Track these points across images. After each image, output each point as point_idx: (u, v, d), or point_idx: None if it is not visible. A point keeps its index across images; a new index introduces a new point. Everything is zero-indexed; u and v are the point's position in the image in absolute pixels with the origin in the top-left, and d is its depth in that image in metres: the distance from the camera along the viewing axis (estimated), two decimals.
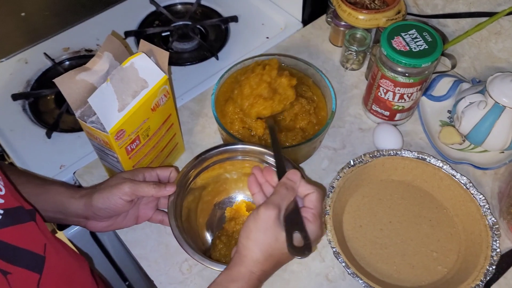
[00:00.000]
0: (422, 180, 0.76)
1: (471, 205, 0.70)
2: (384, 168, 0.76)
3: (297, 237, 0.52)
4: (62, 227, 0.89)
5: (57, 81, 0.58)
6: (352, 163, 0.74)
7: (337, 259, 0.65)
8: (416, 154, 0.75)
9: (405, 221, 0.73)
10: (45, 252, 0.50)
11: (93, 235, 0.94)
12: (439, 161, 0.74)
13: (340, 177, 0.72)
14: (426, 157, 0.74)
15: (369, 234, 0.71)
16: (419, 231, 0.72)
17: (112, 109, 0.60)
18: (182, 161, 0.80)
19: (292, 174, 0.56)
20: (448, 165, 0.73)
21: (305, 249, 0.51)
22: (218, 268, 0.60)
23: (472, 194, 0.71)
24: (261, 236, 0.52)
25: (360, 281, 0.63)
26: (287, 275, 0.69)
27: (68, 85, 0.59)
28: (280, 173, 0.58)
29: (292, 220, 0.53)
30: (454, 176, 0.72)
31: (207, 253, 0.69)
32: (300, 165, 0.79)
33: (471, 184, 0.71)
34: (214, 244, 0.69)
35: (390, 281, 0.67)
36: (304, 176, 0.60)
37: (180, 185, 0.67)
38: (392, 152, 0.75)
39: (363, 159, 0.74)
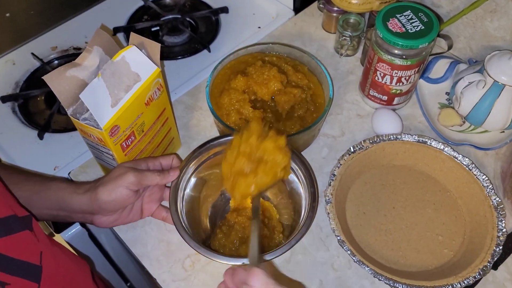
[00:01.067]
0: (424, 163, 0.74)
1: (475, 186, 0.69)
2: (385, 153, 0.75)
3: None
4: (60, 229, 0.87)
5: (46, 78, 0.56)
6: (352, 150, 0.72)
7: (342, 248, 0.64)
8: (416, 138, 0.73)
9: (408, 206, 0.72)
10: (41, 261, 0.49)
11: (92, 236, 0.93)
12: (440, 144, 0.73)
13: (340, 164, 0.71)
14: (426, 140, 0.73)
15: (373, 221, 0.70)
16: (423, 215, 0.71)
17: (105, 105, 0.58)
18: (179, 157, 0.78)
19: (252, 277, 0.46)
20: (450, 147, 0.72)
21: None
22: (213, 258, 0.59)
23: (475, 175, 0.70)
24: None
25: (367, 268, 0.62)
26: (291, 266, 0.67)
27: (58, 82, 0.57)
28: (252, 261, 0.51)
29: None
30: (456, 158, 0.71)
31: (207, 241, 0.67)
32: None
33: (473, 165, 0.70)
34: (214, 233, 0.68)
35: (396, 267, 0.66)
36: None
37: (183, 173, 0.66)
38: (392, 136, 0.74)
39: (363, 146, 0.73)
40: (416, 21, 0.71)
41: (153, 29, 1.02)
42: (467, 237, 0.68)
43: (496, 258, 0.63)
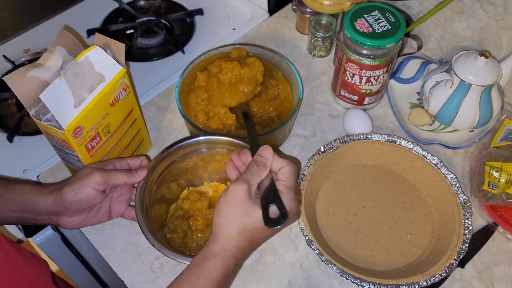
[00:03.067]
0: (394, 163, 0.75)
1: (443, 184, 0.70)
2: (355, 153, 0.75)
3: (273, 210, 0.52)
4: (30, 234, 0.86)
5: (7, 78, 0.56)
6: (322, 150, 0.72)
7: (310, 247, 0.64)
8: (386, 137, 0.74)
9: (378, 205, 0.72)
10: None
11: (65, 240, 0.91)
12: (410, 143, 0.73)
13: (310, 164, 0.71)
14: (396, 139, 0.73)
15: (343, 220, 0.70)
16: (393, 214, 0.71)
17: (67, 105, 0.57)
18: (149, 158, 0.78)
19: (263, 150, 0.56)
20: (419, 146, 0.73)
21: (281, 218, 0.51)
22: (178, 259, 0.59)
23: (443, 173, 0.70)
24: (231, 211, 0.52)
25: (334, 268, 0.62)
26: (260, 267, 0.67)
27: (19, 82, 0.57)
28: (255, 153, 0.58)
29: (268, 194, 0.54)
30: (425, 157, 0.72)
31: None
32: None
33: (442, 164, 0.71)
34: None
35: (365, 266, 0.66)
36: (278, 152, 0.60)
37: (151, 173, 0.66)
38: (362, 136, 0.74)
39: (333, 145, 0.73)
40: (384, 21, 0.72)
41: (127, 32, 1.01)
42: (435, 235, 0.69)
43: (462, 256, 0.63)
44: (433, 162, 0.71)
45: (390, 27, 0.71)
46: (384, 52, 0.72)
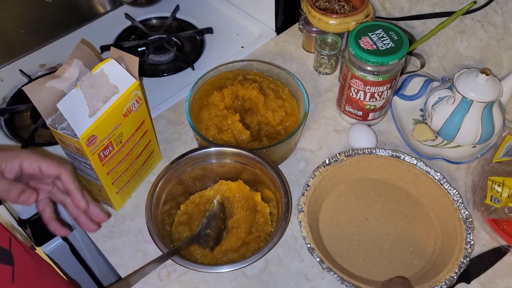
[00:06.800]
0: (398, 177, 0.76)
1: (445, 199, 0.71)
2: (359, 167, 0.76)
3: None
4: (41, 243, 0.88)
5: (26, 88, 0.58)
6: (327, 162, 0.74)
7: (312, 255, 0.65)
8: (390, 152, 0.75)
9: (381, 218, 0.73)
10: (10, 247, 0.50)
11: (73, 250, 0.93)
12: (413, 158, 0.75)
13: (315, 175, 0.73)
14: (400, 154, 0.75)
15: (346, 231, 0.72)
16: (396, 226, 0.72)
17: (82, 115, 0.60)
18: (159, 169, 0.80)
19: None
20: (422, 162, 0.74)
21: None
22: (188, 266, 0.61)
23: (446, 189, 0.72)
24: None
25: (335, 276, 0.63)
26: (265, 277, 0.68)
27: (37, 92, 0.59)
28: None
29: None
30: (429, 173, 0.73)
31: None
32: (278, 166, 0.79)
33: (445, 180, 0.72)
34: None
35: (367, 277, 0.67)
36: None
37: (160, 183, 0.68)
38: (366, 150, 0.76)
39: (338, 158, 0.75)
40: (387, 39, 0.74)
41: (139, 49, 1.05)
42: (437, 248, 0.70)
43: (463, 269, 0.64)
44: (436, 177, 0.73)
45: (393, 45, 0.73)
46: (388, 69, 0.74)
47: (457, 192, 0.71)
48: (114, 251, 0.71)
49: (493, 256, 0.70)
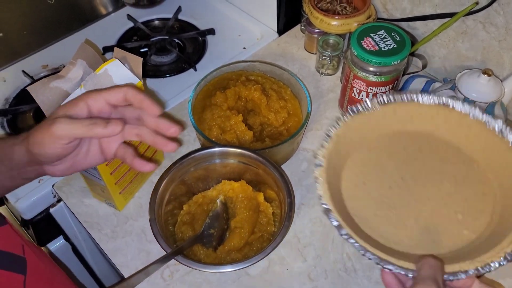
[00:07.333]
0: (445, 129, 0.61)
1: (509, 155, 0.56)
2: (396, 117, 0.62)
3: None
4: (43, 243, 0.88)
5: (30, 88, 0.59)
6: (355, 110, 0.60)
7: (328, 218, 0.53)
8: (436, 99, 0.60)
9: (421, 178, 0.59)
10: (24, 253, 0.50)
11: (75, 251, 0.93)
12: (466, 105, 0.59)
13: (339, 125, 0.60)
14: (449, 102, 0.60)
15: (375, 193, 0.58)
16: (440, 189, 0.58)
17: None
18: (162, 169, 0.80)
19: None
20: (478, 109, 0.59)
21: None
22: (192, 266, 0.61)
23: (510, 141, 0.56)
24: None
25: (356, 244, 0.51)
26: (268, 276, 0.68)
27: (42, 92, 0.59)
28: None
29: None
30: (487, 123, 0.58)
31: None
32: (281, 167, 0.79)
33: (508, 130, 0.57)
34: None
35: (398, 248, 0.54)
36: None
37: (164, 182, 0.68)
38: (406, 97, 0.61)
39: (369, 106, 0.61)
40: (389, 40, 0.75)
41: (142, 50, 1.05)
42: (496, 216, 0.56)
43: None
44: (497, 128, 0.57)
45: (395, 46, 0.74)
46: (390, 69, 0.74)
47: None
48: (117, 251, 0.71)
49: None
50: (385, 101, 0.61)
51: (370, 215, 0.57)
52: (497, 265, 0.49)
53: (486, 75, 0.73)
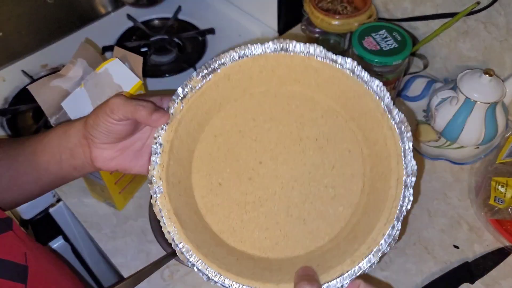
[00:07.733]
0: (292, 80, 0.50)
1: (367, 99, 0.47)
2: (232, 83, 0.50)
3: None
4: (43, 243, 0.87)
5: (31, 87, 0.58)
6: (181, 95, 0.51)
7: (188, 264, 0.46)
8: (271, 46, 0.49)
9: (281, 154, 0.50)
10: (26, 261, 0.49)
11: (75, 251, 0.93)
12: (308, 46, 0.48)
13: (166, 125, 0.49)
14: (286, 45, 0.48)
15: (234, 192, 0.50)
16: (304, 162, 0.49)
17: (86, 114, 0.60)
18: None
19: None
20: (321, 48, 0.48)
21: None
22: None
23: (365, 82, 0.47)
24: None
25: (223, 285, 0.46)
26: None
27: (42, 91, 0.59)
28: None
29: None
30: (335, 62, 0.48)
31: None
32: None
33: (359, 68, 0.48)
34: None
35: (274, 255, 0.48)
36: None
37: None
38: (234, 55, 0.49)
39: (191, 85, 0.51)
40: (390, 39, 0.74)
41: (141, 50, 1.05)
42: (367, 180, 0.48)
43: (409, 206, 0.44)
44: (347, 67, 0.48)
45: (397, 45, 0.74)
46: (391, 69, 0.74)
47: (381, 85, 0.47)
48: (116, 251, 0.71)
49: (496, 256, 0.70)
50: (209, 70, 0.50)
51: (237, 224, 0.49)
52: (376, 254, 0.44)
53: (487, 75, 0.73)
